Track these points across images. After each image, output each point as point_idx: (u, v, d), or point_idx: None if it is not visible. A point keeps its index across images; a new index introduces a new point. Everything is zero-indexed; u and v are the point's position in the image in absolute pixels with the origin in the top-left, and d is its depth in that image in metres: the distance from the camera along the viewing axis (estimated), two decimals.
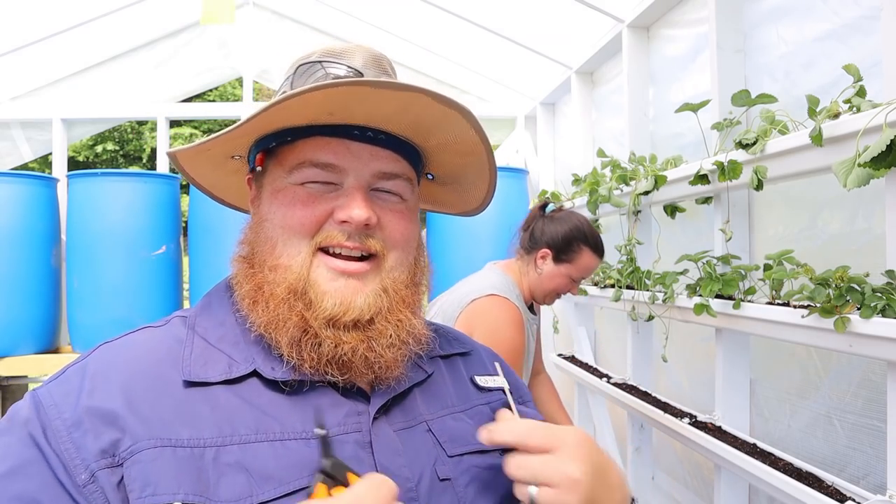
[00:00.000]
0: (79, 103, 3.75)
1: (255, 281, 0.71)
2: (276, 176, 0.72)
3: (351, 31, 3.78)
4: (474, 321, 1.75)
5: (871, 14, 1.39)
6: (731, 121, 1.66)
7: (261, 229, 0.73)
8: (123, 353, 0.68)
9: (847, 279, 1.20)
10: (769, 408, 1.77)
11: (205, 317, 0.74)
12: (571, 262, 1.84)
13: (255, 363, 0.68)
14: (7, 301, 2.94)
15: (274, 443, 0.63)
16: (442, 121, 0.71)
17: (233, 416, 0.64)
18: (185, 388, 0.65)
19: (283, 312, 0.67)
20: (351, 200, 0.69)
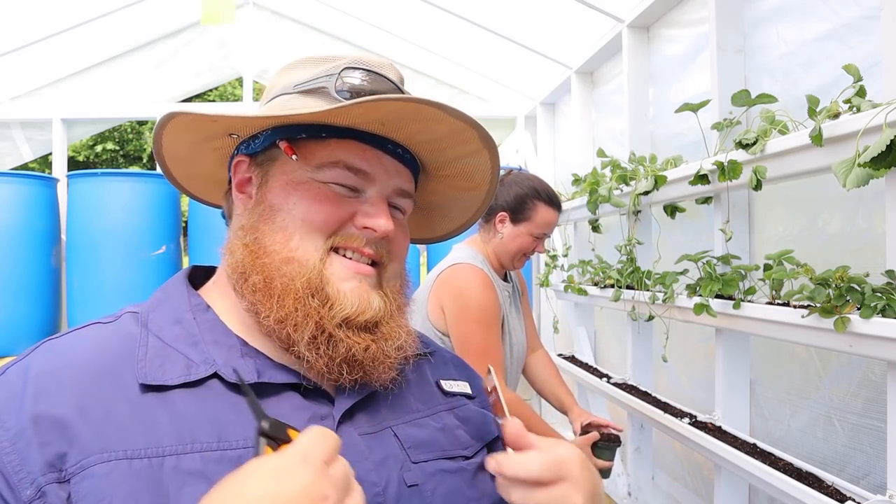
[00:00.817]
0: (79, 103, 3.75)
1: (266, 272, 0.68)
2: (296, 167, 0.71)
3: (351, 31, 3.79)
4: (441, 292, 1.79)
5: (871, 14, 1.39)
6: (731, 121, 1.66)
7: (272, 218, 0.70)
8: (71, 352, 0.64)
9: (847, 279, 1.20)
10: (769, 408, 1.77)
11: (159, 313, 0.70)
12: (529, 220, 1.87)
13: (215, 365, 0.65)
14: (7, 301, 2.94)
15: (236, 450, 0.60)
16: (468, 155, 0.76)
17: (193, 423, 0.60)
18: (141, 392, 0.61)
19: (301, 309, 0.66)
20: (379, 210, 0.71)
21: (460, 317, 1.74)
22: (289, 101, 0.74)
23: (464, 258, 1.83)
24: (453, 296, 1.77)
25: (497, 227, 1.90)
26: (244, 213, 0.73)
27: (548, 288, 3.18)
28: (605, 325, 3.06)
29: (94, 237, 2.97)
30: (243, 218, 0.73)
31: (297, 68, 0.77)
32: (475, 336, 1.72)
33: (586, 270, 2.62)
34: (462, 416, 0.81)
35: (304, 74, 0.75)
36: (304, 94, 0.73)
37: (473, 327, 1.73)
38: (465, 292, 1.76)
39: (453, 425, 0.78)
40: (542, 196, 1.89)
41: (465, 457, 0.76)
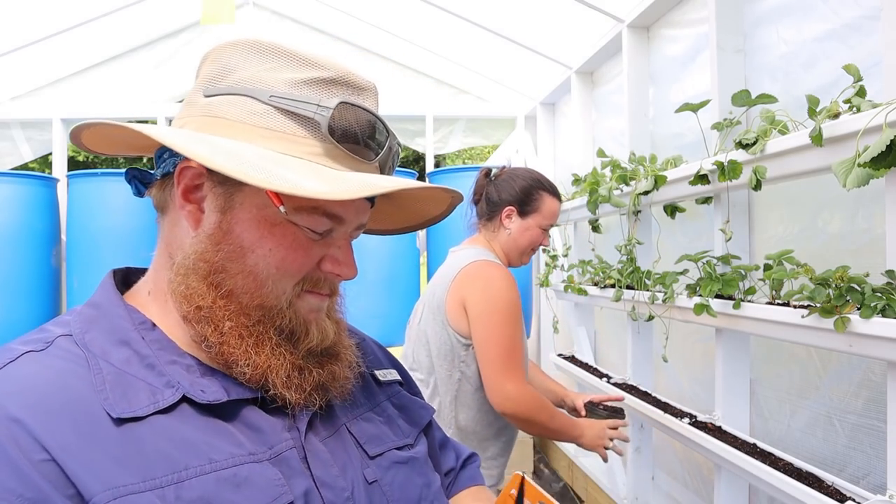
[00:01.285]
0: (79, 103, 3.75)
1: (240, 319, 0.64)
2: (269, 203, 0.64)
3: (351, 31, 3.79)
4: (463, 290, 1.68)
5: (871, 14, 1.39)
6: (731, 121, 1.66)
7: (241, 258, 0.64)
8: (21, 387, 0.56)
9: (847, 279, 1.20)
10: (769, 408, 1.77)
11: (97, 334, 0.63)
12: (537, 211, 1.83)
13: (181, 388, 0.61)
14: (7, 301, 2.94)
15: (230, 469, 0.59)
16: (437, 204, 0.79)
17: (179, 448, 0.58)
18: (116, 425, 0.56)
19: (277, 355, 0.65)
20: (347, 256, 0.70)
21: (488, 315, 1.65)
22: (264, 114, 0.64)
23: (479, 256, 1.75)
24: (479, 293, 1.67)
25: (504, 222, 1.83)
26: (199, 237, 0.65)
27: (548, 288, 3.18)
28: (605, 325, 3.06)
29: (94, 237, 2.97)
30: (200, 245, 0.65)
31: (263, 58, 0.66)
32: (503, 335, 1.64)
33: (586, 270, 2.62)
34: (398, 404, 0.84)
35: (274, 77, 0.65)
36: (281, 112, 0.64)
37: (501, 326, 1.64)
38: (492, 289, 1.67)
39: (395, 415, 0.81)
40: (547, 187, 1.86)
41: (409, 445, 0.79)
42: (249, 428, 0.63)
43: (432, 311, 1.74)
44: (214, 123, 0.64)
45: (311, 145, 0.64)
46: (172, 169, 0.67)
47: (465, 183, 3.19)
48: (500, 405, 1.62)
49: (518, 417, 1.63)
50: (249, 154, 0.60)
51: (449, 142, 4.09)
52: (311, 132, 0.64)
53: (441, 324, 1.71)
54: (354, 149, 0.66)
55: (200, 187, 0.66)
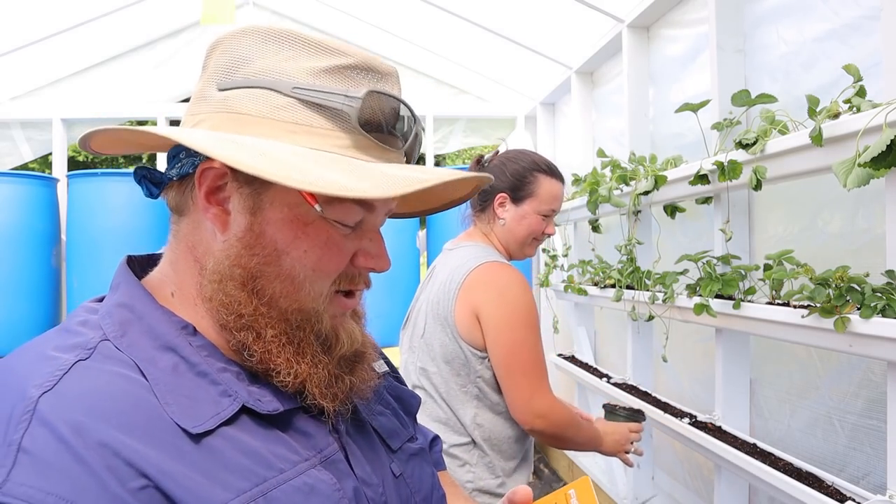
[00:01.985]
0: (79, 103, 3.75)
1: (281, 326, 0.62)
2: (300, 200, 0.60)
3: (351, 31, 3.79)
4: (474, 297, 1.51)
5: (871, 14, 1.39)
6: (731, 121, 1.66)
7: (276, 262, 0.61)
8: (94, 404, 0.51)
9: (847, 279, 1.20)
10: (769, 408, 1.77)
11: (136, 339, 0.59)
12: (533, 196, 1.63)
13: (238, 397, 0.59)
14: (7, 301, 2.94)
15: (299, 478, 0.58)
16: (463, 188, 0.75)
17: (252, 459, 0.56)
18: (195, 440, 0.54)
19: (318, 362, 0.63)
20: (380, 248, 0.66)
21: (508, 327, 1.48)
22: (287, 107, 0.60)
23: (485, 256, 1.57)
24: (494, 303, 1.49)
25: (497, 211, 1.65)
26: (230, 241, 0.62)
27: (548, 288, 3.18)
28: (605, 325, 3.06)
29: (94, 237, 2.98)
30: (232, 249, 0.61)
31: (280, 47, 0.62)
32: (526, 344, 1.48)
33: (586, 270, 2.62)
34: (395, 395, 0.83)
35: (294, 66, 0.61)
36: (306, 105, 0.60)
37: (524, 334, 1.48)
38: (508, 294, 1.50)
39: (396, 406, 0.81)
40: (542, 167, 1.66)
41: (414, 436, 0.79)
42: (300, 434, 0.63)
43: (439, 321, 1.56)
44: (235, 120, 0.60)
45: (339, 138, 0.61)
46: (192, 170, 0.62)
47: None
48: (527, 423, 1.48)
49: (546, 434, 1.50)
50: (284, 154, 0.56)
51: (449, 142, 4.09)
52: (339, 124, 0.61)
53: (451, 337, 1.54)
54: (382, 138, 0.63)
55: (223, 188, 0.62)
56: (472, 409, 1.53)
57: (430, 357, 1.58)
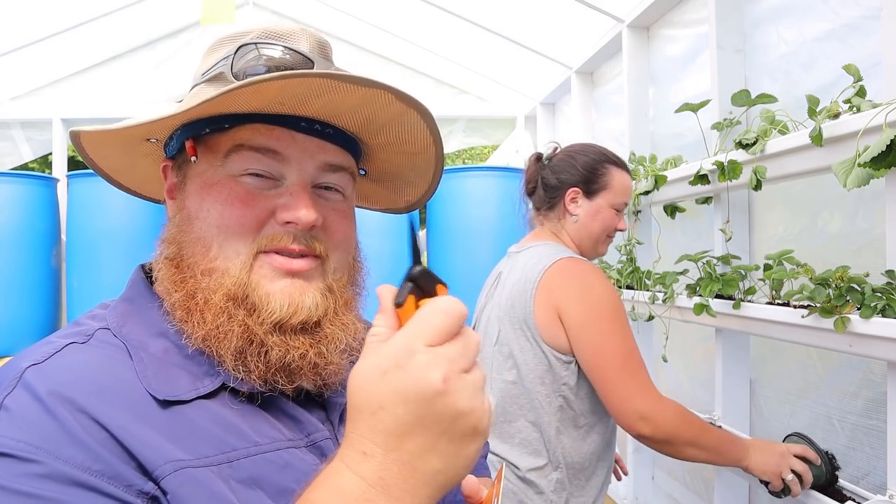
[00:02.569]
0: (79, 103, 3.75)
1: (187, 288, 0.63)
2: (207, 166, 0.65)
3: (351, 31, 3.79)
4: (554, 296, 1.41)
5: (871, 14, 1.39)
6: (731, 121, 1.66)
7: (190, 227, 0.65)
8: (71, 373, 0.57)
9: (847, 279, 1.20)
10: (769, 408, 1.77)
11: (134, 326, 0.63)
12: (607, 188, 1.55)
13: (220, 376, 0.61)
14: (7, 301, 2.94)
15: (274, 453, 0.59)
16: (397, 119, 0.68)
17: (225, 430, 0.58)
18: (163, 408, 0.57)
19: (222, 323, 0.61)
20: (297, 200, 0.63)
21: (590, 317, 1.38)
22: (197, 92, 0.68)
23: (559, 253, 1.47)
24: (577, 299, 1.39)
25: (568, 207, 1.55)
26: (169, 223, 0.69)
27: None
28: None
29: (94, 237, 2.98)
30: (167, 229, 0.68)
31: (211, 50, 0.71)
32: (614, 338, 1.36)
33: None
34: None
35: (212, 58, 0.70)
36: (208, 84, 0.67)
37: (610, 327, 1.37)
38: (593, 292, 1.40)
39: None
40: (612, 159, 1.58)
41: None
42: (288, 417, 0.64)
43: (516, 325, 1.46)
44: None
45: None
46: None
47: (466, 183, 3.21)
48: (631, 428, 1.33)
49: (657, 440, 1.32)
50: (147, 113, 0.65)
51: (449, 142, 4.09)
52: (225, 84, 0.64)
53: (532, 342, 1.43)
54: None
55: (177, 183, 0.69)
56: (556, 422, 1.42)
57: (507, 366, 1.47)
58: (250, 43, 0.66)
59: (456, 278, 3.15)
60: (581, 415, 1.42)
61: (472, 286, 3.09)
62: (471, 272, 3.12)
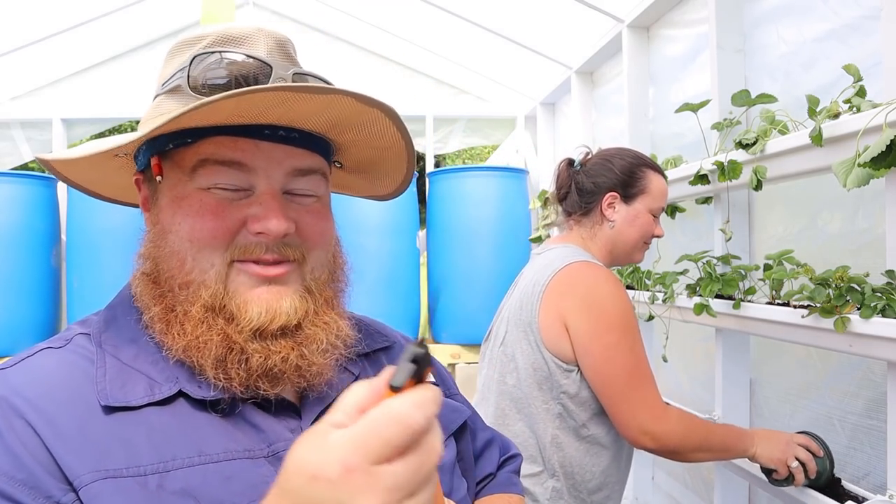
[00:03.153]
0: (79, 103, 3.75)
1: (165, 302, 0.64)
2: (176, 180, 0.65)
3: (351, 31, 3.79)
4: (560, 301, 1.38)
5: (871, 14, 1.38)
6: (731, 121, 1.66)
7: (164, 242, 0.65)
8: (27, 379, 0.60)
9: (847, 279, 1.20)
10: (769, 408, 1.77)
11: (112, 333, 0.66)
12: (645, 192, 1.50)
13: (178, 383, 0.62)
14: (7, 301, 2.94)
15: (219, 464, 0.58)
16: (362, 118, 0.68)
17: (169, 439, 0.58)
18: (106, 414, 0.58)
19: (202, 333, 0.62)
20: (267, 210, 0.63)
21: (596, 326, 1.33)
22: (158, 104, 0.69)
23: (573, 256, 1.43)
24: (581, 305, 1.35)
25: (606, 213, 1.49)
26: (144, 238, 0.69)
27: None
28: None
29: (94, 237, 2.97)
30: (144, 244, 0.69)
31: (172, 57, 0.71)
32: (621, 348, 1.32)
33: None
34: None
35: (171, 66, 0.70)
36: (168, 95, 0.68)
37: (617, 338, 1.33)
38: (598, 298, 1.35)
39: None
40: (648, 163, 1.53)
41: None
42: (248, 426, 0.63)
43: (521, 328, 1.43)
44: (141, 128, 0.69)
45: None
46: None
47: (466, 183, 3.21)
48: (636, 443, 1.32)
49: (663, 452, 1.32)
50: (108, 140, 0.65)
51: (449, 142, 4.08)
52: (184, 99, 0.65)
53: (534, 346, 1.40)
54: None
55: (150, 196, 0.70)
56: (553, 430, 1.38)
57: (509, 368, 1.45)
58: (203, 52, 0.65)
59: (456, 278, 3.15)
60: (583, 425, 1.38)
61: (472, 286, 3.10)
62: (471, 272, 3.12)
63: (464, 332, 3.14)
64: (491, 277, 3.10)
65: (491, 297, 3.08)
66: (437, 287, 3.24)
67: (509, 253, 3.16)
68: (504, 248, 3.15)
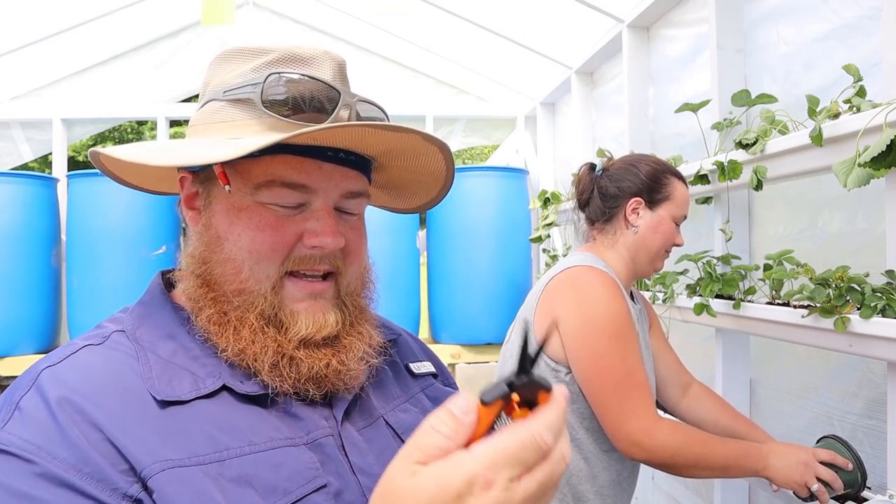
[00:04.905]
0: (79, 103, 3.75)
1: (218, 306, 0.67)
2: (236, 190, 0.68)
3: (351, 31, 3.79)
4: (553, 304, 1.38)
5: (871, 14, 1.39)
6: (731, 121, 1.66)
7: (220, 248, 0.68)
8: (80, 375, 0.62)
9: (847, 279, 1.20)
10: (769, 408, 1.77)
11: (147, 329, 0.68)
12: (669, 199, 1.47)
13: (222, 377, 0.65)
14: (7, 301, 2.94)
15: (267, 452, 0.62)
16: (416, 149, 0.74)
17: (220, 430, 0.61)
18: (161, 408, 0.61)
19: (258, 340, 0.66)
20: (324, 226, 0.68)
21: (585, 331, 1.32)
22: (219, 110, 0.70)
23: (580, 261, 1.43)
24: (571, 308, 1.35)
25: (629, 219, 1.47)
26: (194, 236, 0.72)
27: None
28: None
29: (94, 237, 2.97)
30: (193, 243, 0.71)
31: (228, 62, 0.73)
32: (611, 355, 1.29)
33: None
34: (432, 395, 0.84)
35: (232, 74, 0.71)
36: (232, 104, 0.70)
37: (606, 343, 1.30)
38: (589, 301, 1.34)
39: (429, 406, 0.82)
40: (672, 170, 1.50)
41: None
42: (288, 415, 0.66)
43: (521, 327, 1.48)
44: (196, 132, 0.72)
45: (254, 125, 0.68)
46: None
47: (466, 183, 3.21)
48: (625, 452, 1.29)
49: (654, 464, 1.29)
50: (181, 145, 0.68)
51: (449, 142, 4.08)
52: (253, 112, 0.68)
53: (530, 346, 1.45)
54: (303, 117, 0.67)
55: (197, 195, 0.72)
56: None
57: (508, 365, 1.48)
58: (277, 72, 0.68)
59: (456, 278, 3.15)
60: (571, 427, 1.36)
61: (472, 286, 3.10)
62: (471, 272, 3.12)
63: (464, 332, 3.14)
64: (491, 277, 3.10)
65: (491, 297, 3.08)
66: (437, 287, 3.24)
67: (509, 253, 3.16)
68: (504, 249, 3.16)
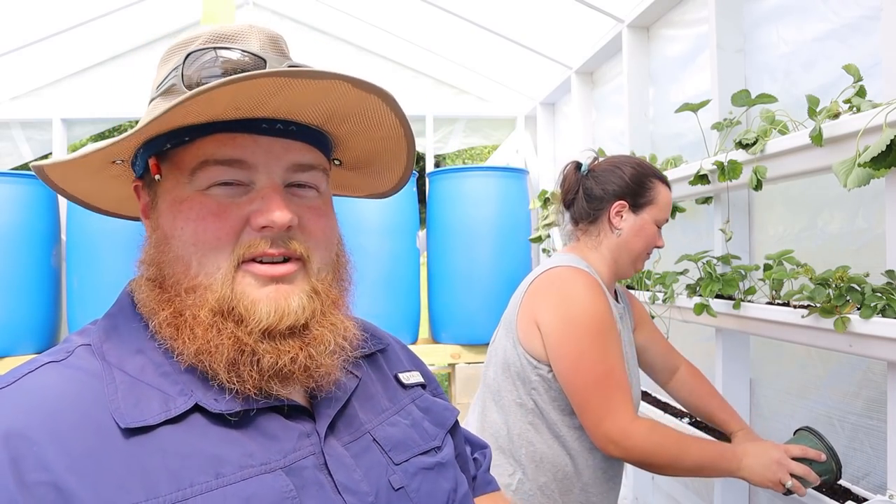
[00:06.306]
0: (79, 103, 3.75)
1: (173, 307, 0.63)
2: (175, 182, 0.64)
3: (351, 31, 3.79)
4: (535, 304, 1.40)
5: (871, 14, 1.39)
6: (731, 121, 1.66)
7: (167, 247, 0.64)
8: (34, 401, 0.56)
9: (847, 279, 1.20)
10: (769, 408, 1.77)
11: (115, 343, 0.63)
12: (652, 203, 1.48)
13: (193, 396, 0.60)
14: (7, 301, 2.94)
15: (237, 485, 0.57)
16: (359, 106, 0.67)
17: (187, 462, 0.56)
18: (125, 437, 0.56)
19: (212, 337, 0.61)
20: (269, 203, 0.62)
21: (566, 331, 1.33)
22: (153, 107, 0.68)
23: (564, 261, 1.44)
24: (553, 305, 1.36)
25: (613, 221, 1.48)
26: (147, 242, 0.68)
27: None
28: None
29: (94, 237, 2.97)
30: (145, 248, 0.68)
31: (164, 60, 0.71)
32: (590, 354, 1.31)
33: None
34: (422, 406, 0.81)
35: (165, 69, 0.69)
36: (164, 97, 0.67)
37: (586, 343, 1.32)
38: (569, 300, 1.35)
39: (419, 417, 0.79)
40: (657, 174, 1.51)
41: (437, 448, 0.76)
42: (263, 435, 0.62)
43: (504, 326, 1.48)
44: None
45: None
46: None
47: (466, 183, 3.21)
48: (604, 448, 1.31)
49: (631, 462, 1.31)
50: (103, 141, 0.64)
51: (449, 142, 4.08)
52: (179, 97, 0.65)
53: (512, 342, 1.43)
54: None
55: (150, 201, 0.69)
56: (524, 424, 1.39)
57: (492, 363, 1.49)
58: (197, 50, 0.65)
59: (456, 278, 3.15)
60: (555, 424, 1.38)
61: (472, 286, 3.10)
62: (471, 272, 3.12)
63: (464, 332, 3.14)
64: (491, 277, 3.10)
65: (491, 297, 3.08)
66: (437, 287, 3.24)
67: (509, 253, 3.16)
68: (504, 249, 3.16)
